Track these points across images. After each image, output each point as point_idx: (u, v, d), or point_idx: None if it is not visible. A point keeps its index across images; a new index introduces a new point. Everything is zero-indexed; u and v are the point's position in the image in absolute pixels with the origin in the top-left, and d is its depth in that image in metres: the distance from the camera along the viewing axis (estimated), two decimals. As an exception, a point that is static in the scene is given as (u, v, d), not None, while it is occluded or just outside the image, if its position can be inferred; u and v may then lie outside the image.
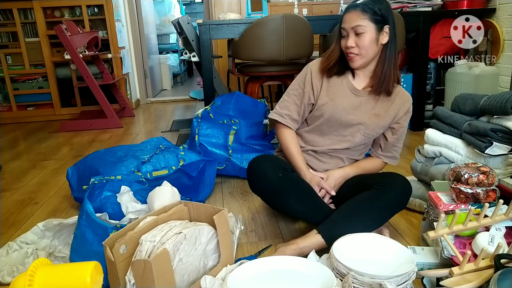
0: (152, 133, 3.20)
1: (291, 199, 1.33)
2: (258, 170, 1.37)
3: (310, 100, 1.45)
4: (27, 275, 0.80)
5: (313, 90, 1.44)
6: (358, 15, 1.30)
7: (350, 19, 1.32)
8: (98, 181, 1.52)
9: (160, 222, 1.16)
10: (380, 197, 1.29)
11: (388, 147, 1.49)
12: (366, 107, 1.42)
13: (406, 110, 1.45)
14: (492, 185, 1.22)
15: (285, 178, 1.34)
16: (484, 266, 1.04)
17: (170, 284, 1.00)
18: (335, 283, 0.99)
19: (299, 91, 1.47)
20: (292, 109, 1.47)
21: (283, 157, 1.54)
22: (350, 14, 1.33)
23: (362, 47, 1.32)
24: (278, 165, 1.38)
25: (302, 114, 1.48)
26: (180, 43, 6.19)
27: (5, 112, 3.84)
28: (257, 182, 1.39)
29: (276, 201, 1.40)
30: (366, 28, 1.30)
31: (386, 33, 1.33)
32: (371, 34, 1.31)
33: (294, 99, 1.47)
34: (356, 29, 1.31)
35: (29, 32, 3.74)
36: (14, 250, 1.36)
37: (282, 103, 1.50)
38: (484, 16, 2.76)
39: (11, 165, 2.51)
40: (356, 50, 1.33)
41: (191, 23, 2.57)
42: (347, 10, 1.34)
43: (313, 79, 1.44)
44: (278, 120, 1.49)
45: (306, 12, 3.99)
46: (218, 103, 2.20)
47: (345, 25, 1.34)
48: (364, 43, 1.31)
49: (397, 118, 1.45)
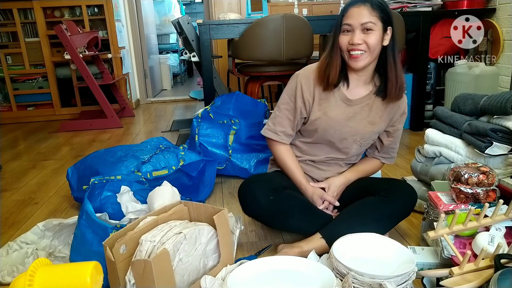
0: (152, 133, 3.20)
1: (287, 219, 1.31)
2: (249, 194, 1.31)
3: (302, 114, 1.37)
4: (27, 275, 0.80)
5: (304, 105, 1.36)
6: (369, 11, 1.22)
7: (360, 14, 1.22)
8: (98, 181, 1.52)
9: (160, 222, 1.16)
10: (386, 204, 1.28)
11: (384, 149, 1.47)
12: (360, 116, 1.36)
13: (402, 112, 1.40)
14: (492, 185, 1.22)
15: (277, 200, 1.29)
16: (484, 266, 1.04)
17: (170, 284, 1.00)
18: (335, 283, 0.99)
19: (291, 105, 1.38)
20: (286, 124, 1.39)
21: (277, 166, 1.50)
22: (359, 9, 1.23)
23: (370, 44, 1.23)
24: (269, 187, 1.31)
25: (296, 127, 1.41)
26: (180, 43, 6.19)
27: (5, 112, 3.83)
28: (248, 207, 1.34)
29: (272, 223, 1.38)
30: (375, 26, 1.22)
31: (388, 34, 1.27)
32: (379, 32, 1.24)
33: (286, 114, 1.39)
34: (366, 25, 1.22)
35: (29, 32, 3.74)
36: (14, 250, 1.36)
37: (274, 119, 1.41)
38: (484, 16, 2.76)
39: (11, 165, 2.51)
40: (364, 46, 1.24)
41: (191, 23, 2.57)
42: (353, 3, 1.24)
43: (304, 93, 1.35)
44: (272, 138, 1.41)
45: (306, 12, 3.99)
46: (218, 103, 2.19)
47: (351, 20, 1.23)
48: (372, 41, 1.23)
49: (393, 122, 1.41)
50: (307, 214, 1.32)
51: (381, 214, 1.28)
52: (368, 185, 1.39)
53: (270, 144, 1.46)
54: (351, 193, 1.40)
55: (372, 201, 1.30)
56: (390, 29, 1.27)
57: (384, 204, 1.28)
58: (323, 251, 1.25)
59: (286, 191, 1.33)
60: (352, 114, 1.36)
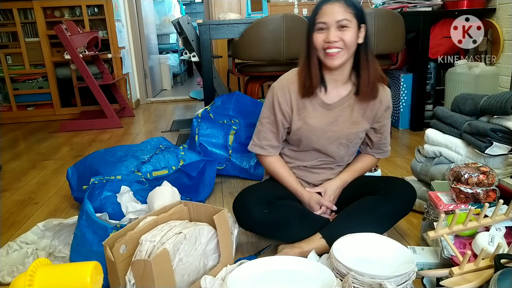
0: (152, 133, 3.20)
1: (284, 229, 1.30)
2: (244, 208, 1.30)
3: (284, 125, 1.37)
4: (27, 275, 0.80)
5: (284, 116, 1.35)
6: (344, 8, 1.20)
7: (334, 11, 1.20)
8: (98, 181, 1.52)
9: (160, 222, 1.16)
10: (386, 204, 1.28)
11: (375, 145, 1.44)
12: (342, 118, 1.34)
13: (385, 107, 1.36)
14: (492, 185, 1.22)
15: (271, 212, 1.28)
16: (484, 266, 1.04)
17: (170, 284, 1.00)
18: (335, 283, 0.99)
19: (271, 118, 1.37)
20: (270, 137, 1.39)
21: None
22: (333, 6, 1.20)
23: (347, 41, 1.21)
24: (262, 199, 1.29)
25: (281, 138, 1.40)
26: (180, 43, 6.19)
27: (5, 112, 3.84)
28: (243, 221, 1.32)
29: (269, 235, 1.38)
30: (351, 23, 1.20)
31: (362, 32, 1.24)
32: (354, 30, 1.22)
33: (269, 127, 1.38)
34: (341, 22, 1.20)
35: (29, 32, 3.74)
36: (14, 250, 1.36)
37: (258, 133, 1.41)
38: (484, 16, 2.76)
39: (11, 165, 2.51)
40: (340, 44, 1.21)
41: (191, 23, 2.57)
42: (327, 1, 1.22)
43: (281, 106, 1.33)
44: (260, 153, 1.41)
45: (306, 12, 3.99)
46: (218, 103, 2.19)
47: (326, 18, 1.20)
48: (348, 38, 1.21)
49: (377, 118, 1.37)
50: (304, 221, 1.32)
51: (381, 213, 1.28)
52: (367, 184, 1.39)
53: (259, 158, 1.46)
54: (351, 193, 1.40)
55: (371, 201, 1.30)
56: (364, 27, 1.25)
57: (384, 204, 1.28)
58: (323, 251, 1.25)
59: (280, 202, 1.32)
60: (333, 118, 1.34)
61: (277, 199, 1.32)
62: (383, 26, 2.44)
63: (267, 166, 1.43)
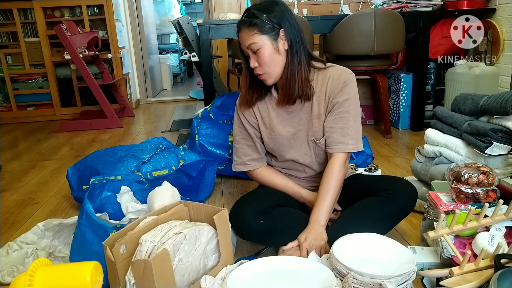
0: (152, 133, 3.20)
1: (282, 235, 1.29)
2: (240, 218, 1.28)
3: (257, 136, 1.40)
4: (27, 275, 0.80)
5: (254, 128, 1.39)
6: (247, 33, 1.21)
7: (242, 38, 1.23)
8: (98, 181, 1.52)
9: (160, 222, 1.16)
10: (387, 205, 1.27)
11: (334, 136, 1.29)
12: (305, 116, 1.33)
13: (342, 83, 1.27)
14: (492, 185, 1.22)
15: (267, 222, 1.27)
16: (484, 266, 1.04)
17: (170, 284, 1.00)
18: (335, 283, 0.99)
19: (244, 133, 1.40)
20: (250, 152, 1.41)
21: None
22: (241, 34, 1.23)
23: (263, 64, 1.22)
24: (259, 209, 1.28)
25: (261, 148, 1.42)
26: (180, 43, 6.19)
27: (5, 112, 3.84)
28: (241, 231, 1.32)
29: (269, 243, 1.37)
30: (260, 43, 1.20)
31: (283, 37, 1.22)
32: (268, 47, 1.21)
33: (245, 143, 1.41)
34: (251, 47, 1.21)
35: (29, 32, 3.74)
36: (14, 250, 1.36)
37: (237, 152, 1.43)
38: (484, 16, 2.76)
39: (11, 165, 2.51)
40: (260, 69, 1.24)
41: (191, 23, 2.57)
42: (238, 29, 1.25)
43: (247, 119, 1.38)
44: (244, 170, 1.42)
45: (306, 12, 3.99)
46: (218, 103, 2.20)
47: (242, 46, 1.24)
48: (264, 59, 1.21)
49: (333, 97, 1.28)
50: (303, 225, 1.30)
51: (383, 215, 1.27)
52: (368, 185, 1.38)
53: (248, 175, 1.47)
54: (352, 194, 1.39)
55: (373, 202, 1.29)
56: (282, 31, 1.22)
57: (385, 205, 1.27)
58: (326, 252, 1.25)
59: (276, 210, 1.31)
60: (297, 119, 1.34)
61: (273, 207, 1.31)
62: (383, 26, 2.44)
63: (259, 179, 1.45)
